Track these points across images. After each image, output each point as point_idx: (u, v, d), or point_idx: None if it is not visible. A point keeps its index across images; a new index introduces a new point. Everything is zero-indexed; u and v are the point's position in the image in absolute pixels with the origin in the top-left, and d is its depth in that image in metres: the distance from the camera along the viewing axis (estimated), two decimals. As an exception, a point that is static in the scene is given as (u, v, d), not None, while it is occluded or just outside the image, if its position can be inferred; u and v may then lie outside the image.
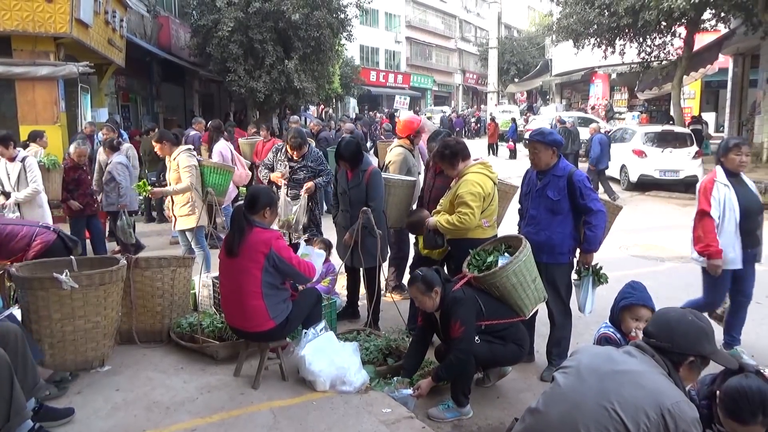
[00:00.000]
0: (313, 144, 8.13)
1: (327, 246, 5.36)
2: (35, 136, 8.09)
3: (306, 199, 5.67)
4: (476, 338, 3.53)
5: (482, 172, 4.26)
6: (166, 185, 6.07)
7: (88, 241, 6.97)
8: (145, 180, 6.05)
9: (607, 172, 14.95)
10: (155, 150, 6.02)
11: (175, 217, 5.85)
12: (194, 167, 5.73)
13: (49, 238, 4.54)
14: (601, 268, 4.16)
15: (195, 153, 6.03)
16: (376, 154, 12.56)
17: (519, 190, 4.50)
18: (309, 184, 5.67)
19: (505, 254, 3.83)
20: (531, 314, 3.85)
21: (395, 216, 5.13)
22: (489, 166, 4.39)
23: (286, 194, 5.70)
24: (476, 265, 3.88)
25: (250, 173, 8.58)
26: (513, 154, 21.87)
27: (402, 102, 34.89)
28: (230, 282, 3.76)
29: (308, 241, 5.46)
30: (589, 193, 3.98)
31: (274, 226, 4.30)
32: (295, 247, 4.54)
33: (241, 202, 4.30)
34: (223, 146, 7.97)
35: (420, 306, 3.75)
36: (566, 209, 4.02)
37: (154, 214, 9.88)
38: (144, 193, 5.88)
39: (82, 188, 6.81)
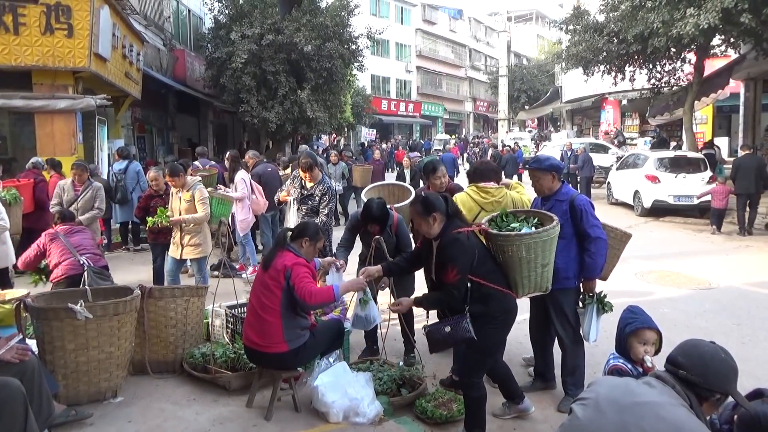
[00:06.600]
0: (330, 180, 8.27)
1: None
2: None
3: (293, 204, 6.06)
4: (470, 330, 3.23)
5: (467, 192, 4.57)
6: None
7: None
8: (162, 208, 6.05)
9: (621, 198, 15.03)
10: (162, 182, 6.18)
11: (182, 246, 5.88)
12: (208, 199, 5.84)
13: (74, 271, 4.77)
14: (605, 296, 4.00)
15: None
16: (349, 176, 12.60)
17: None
18: (283, 194, 6.11)
19: (533, 228, 3.61)
20: (523, 296, 3.56)
21: None
22: (485, 189, 4.49)
23: (296, 210, 6.14)
24: (498, 225, 3.66)
25: (268, 202, 8.59)
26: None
27: (369, 133, 35.63)
28: (255, 295, 3.86)
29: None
30: (589, 218, 3.91)
31: None
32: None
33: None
34: (244, 175, 8.04)
35: (417, 228, 3.58)
36: (569, 234, 3.94)
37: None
38: (164, 222, 5.93)
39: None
